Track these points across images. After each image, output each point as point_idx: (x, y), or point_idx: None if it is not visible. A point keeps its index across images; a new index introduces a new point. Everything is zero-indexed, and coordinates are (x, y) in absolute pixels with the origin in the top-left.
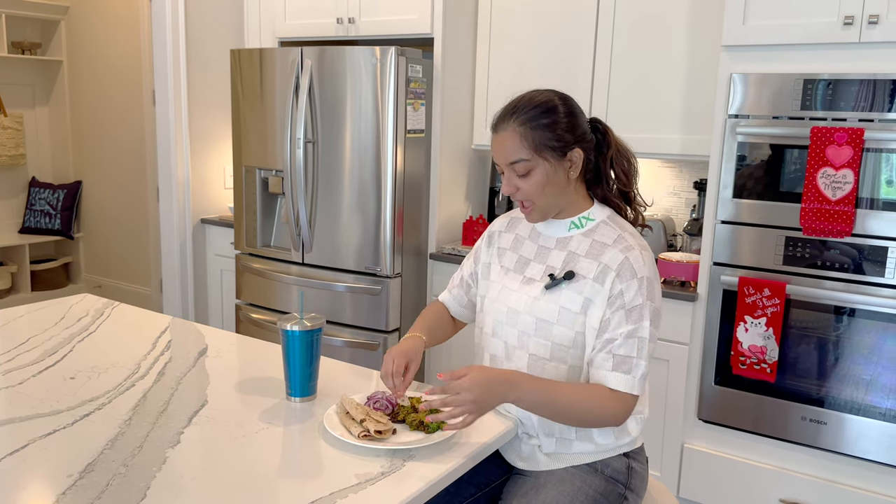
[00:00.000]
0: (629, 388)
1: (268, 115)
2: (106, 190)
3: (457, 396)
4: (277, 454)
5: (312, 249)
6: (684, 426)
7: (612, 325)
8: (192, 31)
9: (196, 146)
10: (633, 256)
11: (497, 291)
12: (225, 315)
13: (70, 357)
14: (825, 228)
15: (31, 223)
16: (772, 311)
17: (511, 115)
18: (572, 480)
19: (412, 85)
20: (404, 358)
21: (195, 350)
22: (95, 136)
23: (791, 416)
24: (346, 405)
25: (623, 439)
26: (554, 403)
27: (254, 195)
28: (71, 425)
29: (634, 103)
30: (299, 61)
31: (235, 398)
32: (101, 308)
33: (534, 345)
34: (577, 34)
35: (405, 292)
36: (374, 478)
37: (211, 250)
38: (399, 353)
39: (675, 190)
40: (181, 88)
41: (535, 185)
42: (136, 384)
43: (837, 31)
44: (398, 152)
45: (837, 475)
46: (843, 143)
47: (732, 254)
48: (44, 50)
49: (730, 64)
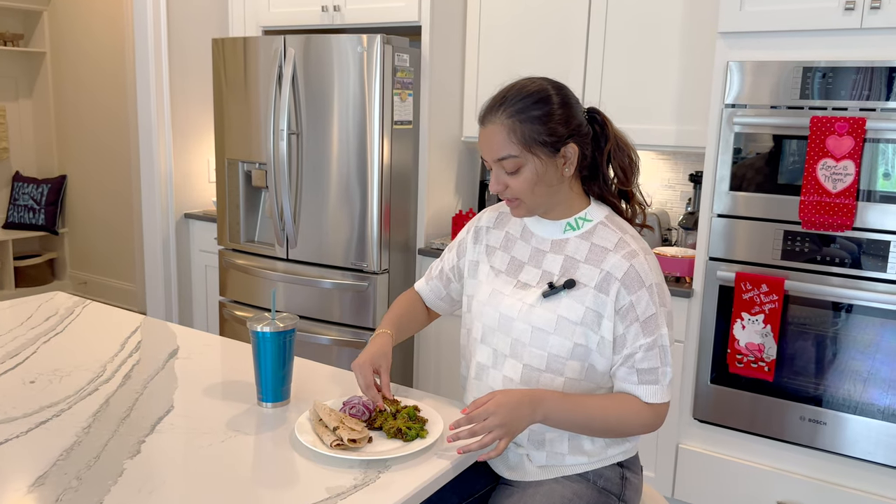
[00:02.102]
0: (660, 398)
1: (251, 107)
2: (91, 184)
3: (484, 423)
4: (245, 465)
5: (297, 245)
6: (679, 426)
7: (630, 340)
8: (174, 21)
9: (179, 139)
10: (638, 263)
11: (487, 294)
12: (209, 312)
13: (33, 359)
14: (825, 222)
15: (14, 218)
16: (770, 308)
17: (499, 107)
18: (562, 492)
19: (399, 74)
20: (369, 367)
21: (165, 351)
22: (80, 129)
23: (789, 416)
24: (319, 411)
25: (616, 448)
26: (587, 419)
27: (237, 189)
28: (25, 434)
29: (628, 93)
30: (282, 50)
31: (203, 403)
32: (72, 307)
33: (528, 355)
34: (569, 22)
35: (393, 288)
36: (346, 491)
37: (195, 246)
38: (362, 364)
39: (670, 182)
40: (163, 79)
41: (526, 183)
42: (100, 388)
43: (838, 16)
44: (385, 144)
45: (837, 476)
46: (843, 133)
47: (729, 248)
48: (26, 41)
49: (726, 51)
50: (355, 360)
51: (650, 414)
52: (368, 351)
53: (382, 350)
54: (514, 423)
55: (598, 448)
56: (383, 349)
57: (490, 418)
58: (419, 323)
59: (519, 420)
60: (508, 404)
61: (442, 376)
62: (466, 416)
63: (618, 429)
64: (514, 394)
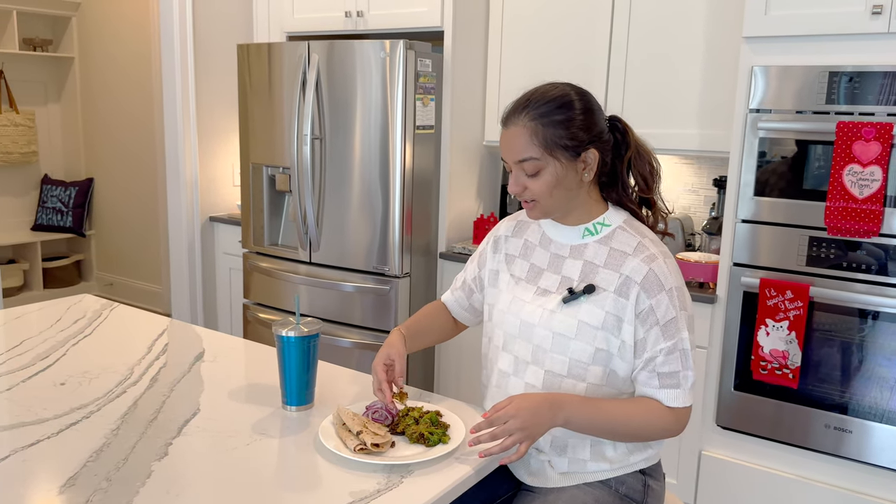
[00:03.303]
0: (682, 402)
1: (275, 112)
2: (118, 187)
3: (505, 426)
4: (269, 468)
5: (320, 248)
6: (702, 432)
7: (650, 344)
8: (199, 27)
9: (204, 143)
10: (658, 267)
11: (508, 302)
12: (233, 315)
13: (62, 361)
14: (851, 228)
15: (43, 220)
16: (794, 315)
17: (522, 110)
18: (584, 499)
19: (421, 80)
20: (381, 367)
21: (191, 354)
22: (107, 132)
23: (814, 424)
24: (343, 416)
25: (639, 455)
26: (608, 423)
27: (261, 193)
28: (56, 435)
29: (651, 97)
30: (306, 56)
31: (229, 406)
32: (99, 310)
33: (550, 361)
34: (592, 27)
35: (414, 292)
36: (370, 495)
37: (219, 249)
38: (376, 365)
39: (694, 187)
40: (189, 84)
41: (545, 186)
42: (128, 391)
43: (865, 21)
44: (407, 149)
45: (862, 485)
46: (870, 138)
47: (753, 254)
48: (55, 47)
49: (751, 56)
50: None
51: (672, 418)
52: (380, 352)
53: (391, 343)
54: (534, 427)
55: (621, 455)
56: (393, 344)
57: (510, 421)
58: (441, 331)
59: (540, 423)
60: (529, 408)
61: (462, 385)
62: (487, 419)
63: (639, 433)
64: (534, 397)
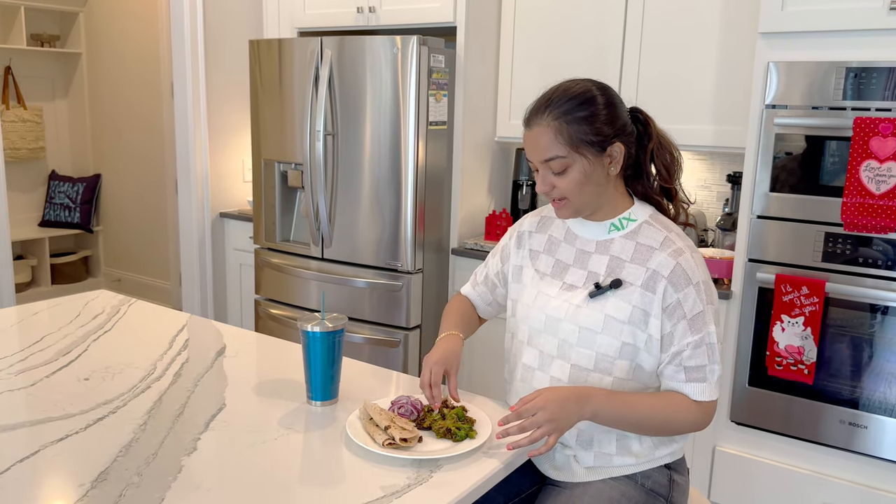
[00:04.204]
0: (708, 396)
1: (287, 107)
2: (125, 183)
3: (533, 418)
4: (298, 462)
5: (332, 244)
6: (716, 428)
7: (678, 338)
8: (210, 22)
9: (215, 139)
10: (685, 261)
11: (533, 297)
12: (244, 310)
13: (84, 357)
14: (868, 224)
15: (50, 216)
16: (810, 310)
17: (545, 109)
18: (610, 493)
19: (434, 75)
20: (442, 366)
21: (213, 350)
22: (114, 128)
23: (828, 419)
24: (370, 411)
25: (664, 450)
26: (635, 416)
27: (273, 189)
28: (84, 430)
29: (665, 92)
30: (319, 52)
31: (254, 401)
32: (118, 305)
33: (576, 355)
34: (605, 22)
35: (426, 288)
36: (401, 490)
37: (230, 244)
38: (437, 362)
39: (707, 183)
40: (199, 80)
41: (573, 183)
42: (152, 386)
43: (883, 16)
44: (420, 145)
45: (878, 481)
46: (888, 134)
47: (768, 250)
48: (63, 42)
49: (766, 52)
50: (428, 356)
51: (699, 412)
52: (441, 348)
53: (454, 351)
54: (562, 419)
55: (646, 449)
56: (455, 350)
57: (539, 413)
58: (473, 325)
59: (567, 416)
60: (557, 400)
61: (475, 380)
62: (515, 412)
63: (666, 427)
64: (562, 390)
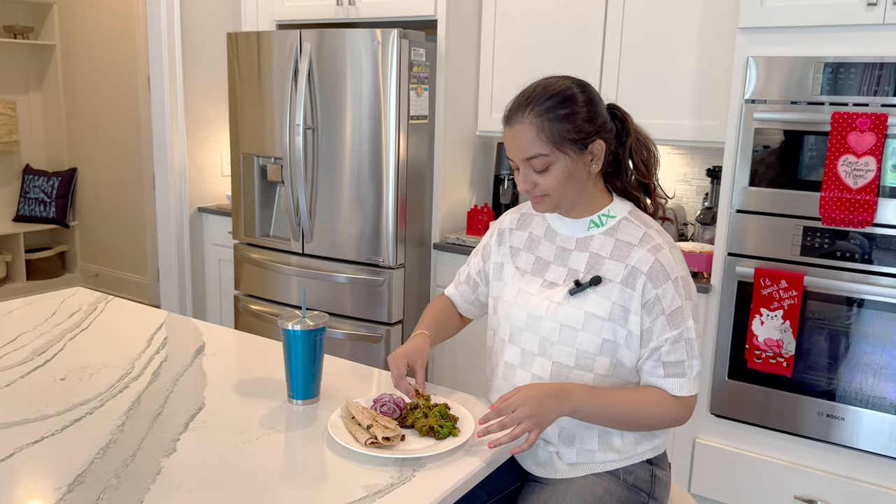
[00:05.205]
0: (687, 391)
1: (266, 101)
2: (101, 177)
3: (513, 415)
4: (279, 462)
5: (313, 239)
6: (696, 421)
7: (656, 333)
8: (187, 15)
9: (192, 133)
10: (664, 257)
11: (514, 295)
12: (223, 306)
13: (61, 356)
14: (846, 218)
15: (25, 211)
16: (789, 304)
17: (525, 107)
18: (593, 489)
19: (415, 69)
20: (404, 360)
21: (192, 348)
22: (90, 122)
23: (807, 411)
24: (352, 409)
25: (646, 445)
26: (614, 412)
27: (252, 183)
28: (60, 431)
29: (646, 87)
30: (298, 45)
31: (234, 401)
32: (94, 303)
33: (557, 352)
34: (586, 16)
35: (408, 283)
36: (384, 489)
37: (208, 240)
38: (398, 356)
39: (686, 177)
40: (177, 73)
41: (555, 181)
42: (130, 385)
43: (861, 12)
44: (401, 139)
45: (855, 472)
46: (865, 129)
47: (747, 244)
48: (36, 34)
49: (746, 47)
50: (391, 354)
51: (677, 407)
52: (405, 347)
53: (419, 347)
54: (542, 415)
55: (628, 445)
56: (419, 346)
57: (519, 410)
58: (453, 326)
59: (547, 412)
60: (536, 396)
61: (458, 378)
62: (495, 409)
63: (646, 422)
64: (541, 387)
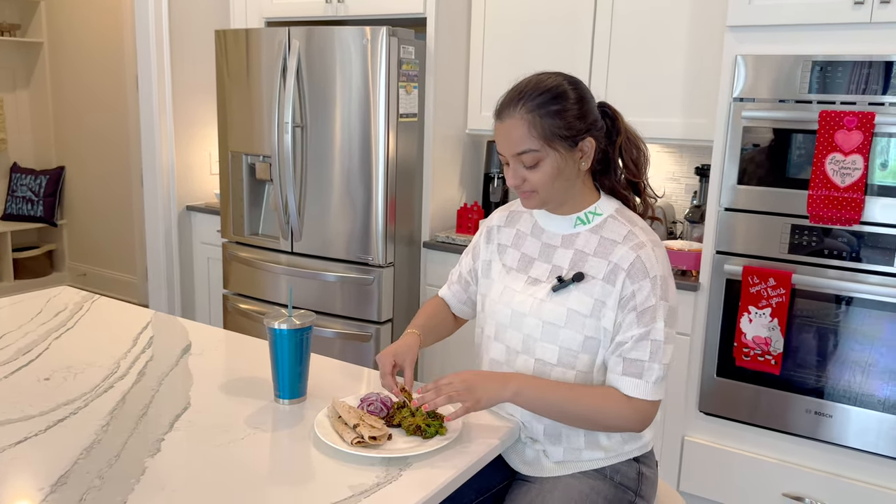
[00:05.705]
0: (641, 394)
1: (254, 99)
2: (89, 176)
3: (449, 384)
4: (266, 462)
5: (302, 238)
6: (685, 418)
7: (624, 328)
8: (175, 12)
9: (181, 131)
10: (645, 254)
11: (499, 292)
12: (212, 305)
13: (45, 356)
14: (833, 216)
15: (12, 210)
16: (777, 302)
17: (517, 102)
18: (580, 487)
19: (404, 67)
20: (391, 357)
21: (178, 347)
22: (78, 120)
23: (795, 409)
24: (339, 409)
25: (633, 444)
26: (558, 401)
27: (240, 182)
28: (44, 432)
29: (635, 85)
30: (286, 42)
31: (220, 400)
32: (81, 302)
33: (540, 350)
34: (575, 14)
35: (398, 282)
36: (370, 489)
37: (197, 238)
38: (385, 354)
39: (675, 175)
40: (165, 71)
41: (545, 177)
42: (115, 385)
43: (848, 10)
44: (390, 137)
45: (843, 469)
46: (852, 127)
47: (736, 242)
48: (23, 31)
49: (734, 45)
50: (379, 353)
51: (628, 409)
52: (394, 345)
53: (408, 345)
54: (478, 389)
55: (615, 443)
56: (408, 344)
57: (455, 381)
58: (447, 327)
59: (486, 387)
60: (478, 374)
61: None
62: (434, 383)
63: (594, 418)
64: (485, 371)
